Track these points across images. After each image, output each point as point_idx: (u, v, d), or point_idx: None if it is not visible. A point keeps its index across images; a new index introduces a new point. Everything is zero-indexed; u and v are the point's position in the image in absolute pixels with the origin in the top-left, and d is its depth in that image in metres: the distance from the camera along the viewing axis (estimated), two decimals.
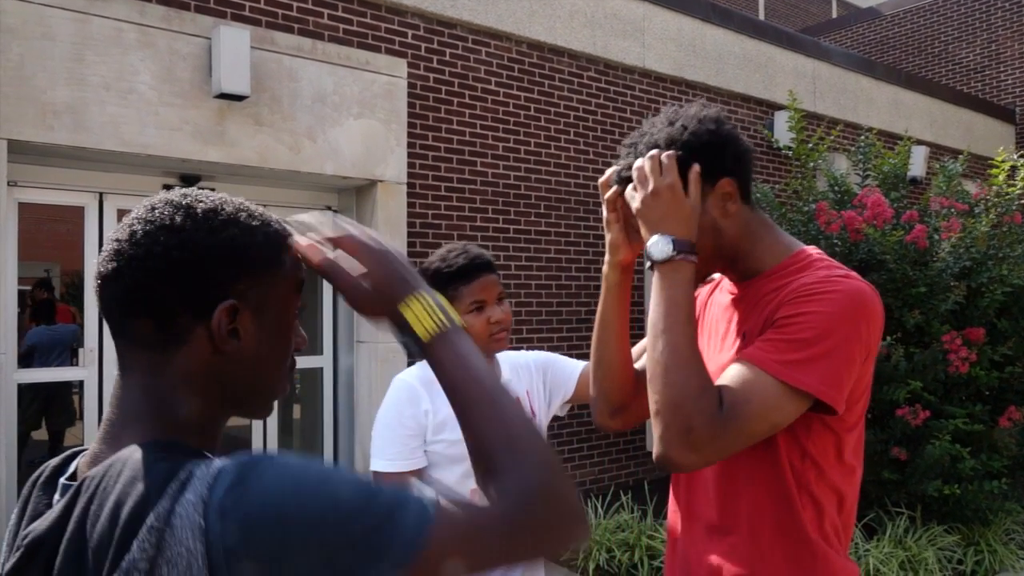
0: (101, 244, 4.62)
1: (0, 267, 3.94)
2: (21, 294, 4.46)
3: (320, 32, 4.96)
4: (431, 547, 0.68)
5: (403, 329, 0.84)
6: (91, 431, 4.62)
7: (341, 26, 5.06)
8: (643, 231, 1.27)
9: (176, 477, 0.66)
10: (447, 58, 5.54)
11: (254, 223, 0.81)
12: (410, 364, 2.17)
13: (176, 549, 0.63)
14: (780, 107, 7.54)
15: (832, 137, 5.42)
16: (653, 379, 1.20)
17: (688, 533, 1.38)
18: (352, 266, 0.85)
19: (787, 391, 1.15)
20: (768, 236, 1.35)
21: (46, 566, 0.66)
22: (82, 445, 4.12)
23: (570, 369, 2.01)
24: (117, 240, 0.78)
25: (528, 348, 3.21)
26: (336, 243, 0.87)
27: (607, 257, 1.44)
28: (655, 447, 1.19)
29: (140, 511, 0.64)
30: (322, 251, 0.85)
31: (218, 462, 0.68)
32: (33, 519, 0.73)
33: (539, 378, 1.98)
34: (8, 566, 0.68)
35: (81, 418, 4.68)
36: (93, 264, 0.81)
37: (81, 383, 4.68)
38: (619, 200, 1.39)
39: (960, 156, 5.50)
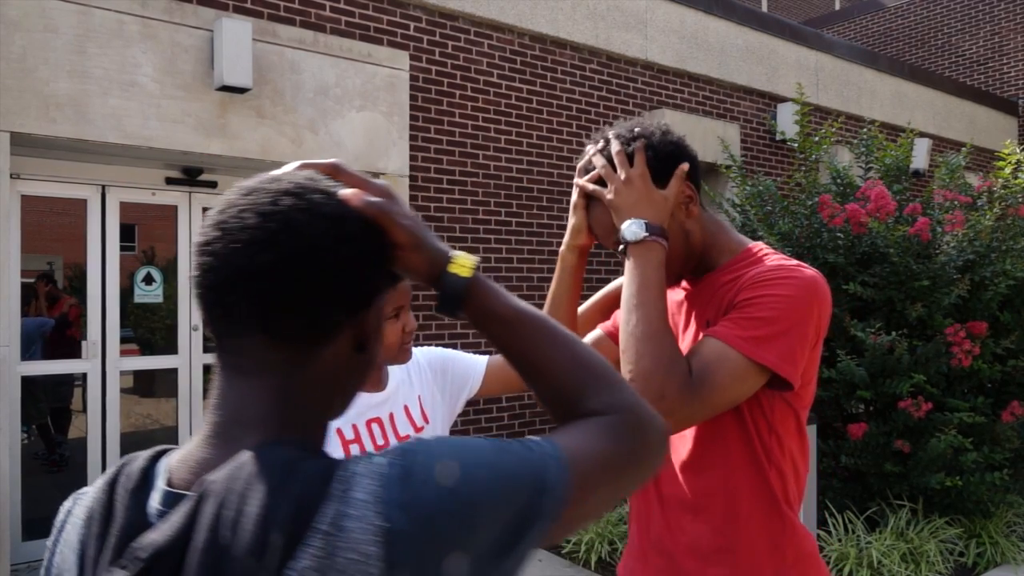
0: (104, 236, 4.64)
1: (3, 259, 3.94)
2: (24, 286, 4.46)
3: (322, 24, 4.95)
4: (573, 494, 0.69)
5: (446, 282, 0.79)
6: (94, 423, 4.63)
7: (343, 18, 5.05)
8: (616, 219, 1.34)
9: (336, 477, 0.62)
10: (449, 50, 5.53)
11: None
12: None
13: (347, 556, 0.58)
14: (783, 99, 7.52)
15: (835, 129, 5.40)
16: (626, 351, 1.28)
17: (659, 513, 1.44)
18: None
19: (749, 364, 1.24)
20: (722, 234, 1.45)
21: None
22: (84, 436, 4.05)
23: (471, 362, 1.90)
24: (265, 228, 0.68)
25: None
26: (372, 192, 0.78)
27: (567, 239, 1.50)
28: None
29: (303, 514, 0.59)
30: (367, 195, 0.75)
31: (377, 457, 0.63)
32: (131, 528, 0.66)
33: (436, 379, 1.85)
34: None
35: (84, 410, 4.69)
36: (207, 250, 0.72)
37: (84, 376, 4.70)
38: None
39: (963, 148, 5.49)
